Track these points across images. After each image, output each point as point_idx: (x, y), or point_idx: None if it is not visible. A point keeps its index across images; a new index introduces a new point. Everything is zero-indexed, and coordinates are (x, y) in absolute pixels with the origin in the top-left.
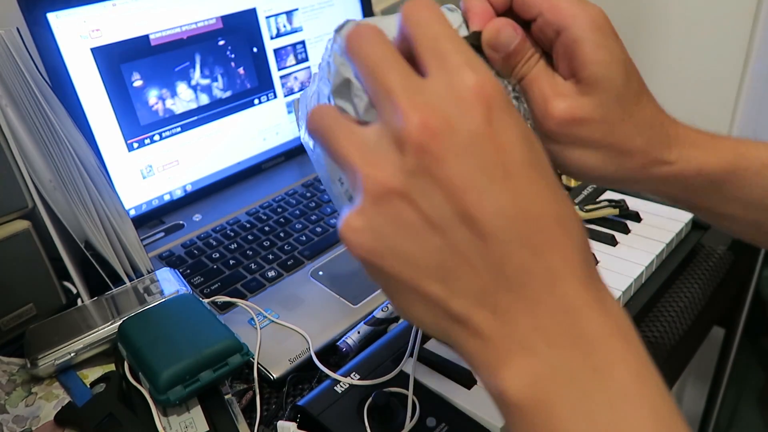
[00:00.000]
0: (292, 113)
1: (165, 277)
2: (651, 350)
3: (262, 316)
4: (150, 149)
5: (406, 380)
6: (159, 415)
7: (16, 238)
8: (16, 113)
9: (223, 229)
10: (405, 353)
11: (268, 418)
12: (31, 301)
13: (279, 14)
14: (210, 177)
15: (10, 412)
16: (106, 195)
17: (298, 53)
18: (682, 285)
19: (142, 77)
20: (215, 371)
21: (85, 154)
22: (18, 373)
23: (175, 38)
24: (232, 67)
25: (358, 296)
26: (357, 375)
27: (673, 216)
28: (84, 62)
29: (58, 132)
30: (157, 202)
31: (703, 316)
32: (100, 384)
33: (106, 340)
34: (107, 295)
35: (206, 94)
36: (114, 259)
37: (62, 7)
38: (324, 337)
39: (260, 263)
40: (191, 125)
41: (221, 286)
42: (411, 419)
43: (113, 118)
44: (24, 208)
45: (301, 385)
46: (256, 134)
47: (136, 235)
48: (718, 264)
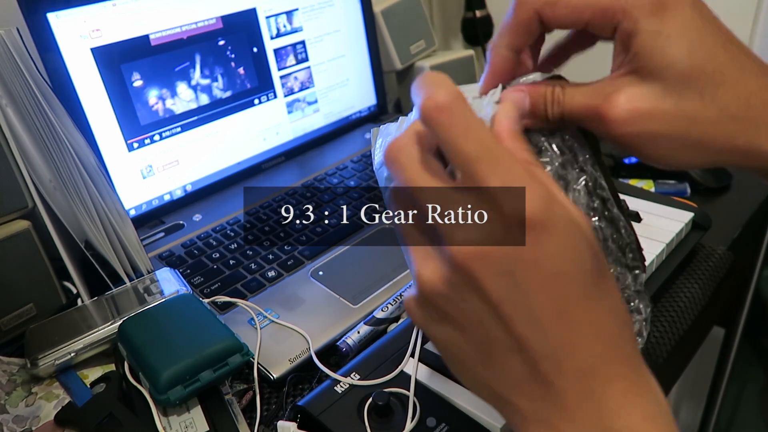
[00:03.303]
0: (292, 113)
1: (165, 277)
2: (651, 350)
3: (262, 316)
4: (150, 149)
5: (407, 380)
6: (159, 415)
7: (16, 238)
8: (16, 113)
9: (223, 229)
10: (405, 353)
11: (268, 418)
12: (31, 301)
13: (279, 14)
14: (210, 177)
15: (10, 412)
16: (106, 195)
17: (298, 53)
18: (682, 285)
19: (142, 77)
20: (215, 371)
21: (85, 154)
22: (18, 373)
23: (175, 38)
24: (232, 67)
25: (358, 296)
26: (357, 375)
27: (673, 216)
28: (84, 62)
29: (58, 132)
30: (157, 202)
31: (703, 316)
32: (100, 384)
33: (106, 340)
34: (107, 295)
35: (206, 94)
36: (114, 259)
37: (62, 7)
38: (324, 337)
39: (260, 263)
40: (191, 125)
41: (221, 286)
42: (411, 419)
43: (113, 118)
44: (24, 208)
45: (301, 385)
46: (256, 134)
47: (136, 235)
48: (718, 264)
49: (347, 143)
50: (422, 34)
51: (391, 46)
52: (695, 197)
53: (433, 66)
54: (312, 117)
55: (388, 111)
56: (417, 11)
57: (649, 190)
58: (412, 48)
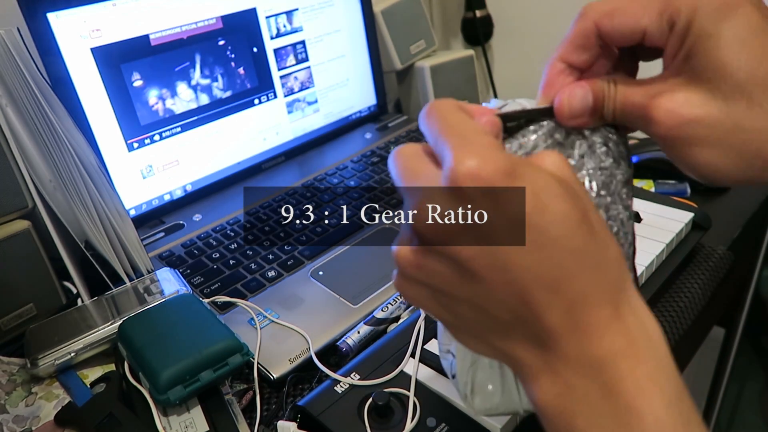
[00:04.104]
0: (292, 113)
1: (165, 277)
2: None
3: (262, 316)
4: (150, 149)
5: (407, 380)
6: (159, 415)
7: (16, 238)
8: (16, 113)
9: (223, 229)
10: (405, 353)
11: (268, 418)
12: (31, 301)
13: (279, 14)
14: (210, 177)
15: (10, 412)
16: (106, 195)
17: (298, 53)
18: (682, 285)
19: (142, 77)
20: (215, 371)
21: (85, 154)
22: (18, 373)
23: (175, 38)
24: (232, 67)
25: (358, 296)
26: (357, 375)
27: (673, 216)
28: (84, 62)
29: (58, 132)
30: (157, 202)
31: (703, 316)
32: (100, 384)
33: (106, 340)
34: (107, 295)
35: (206, 94)
36: (114, 259)
37: (62, 7)
38: (324, 337)
39: (260, 263)
40: (191, 125)
41: (221, 286)
42: (411, 419)
43: (113, 118)
44: (24, 208)
45: (301, 385)
46: (256, 134)
47: (136, 235)
48: (718, 264)
49: (347, 143)
50: (422, 34)
51: (391, 46)
52: (695, 197)
53: (433, 66)
54: (312, 117)
55: (388, 111)
56: (417, 11)
57: (649, 190)
58: (412, 48)
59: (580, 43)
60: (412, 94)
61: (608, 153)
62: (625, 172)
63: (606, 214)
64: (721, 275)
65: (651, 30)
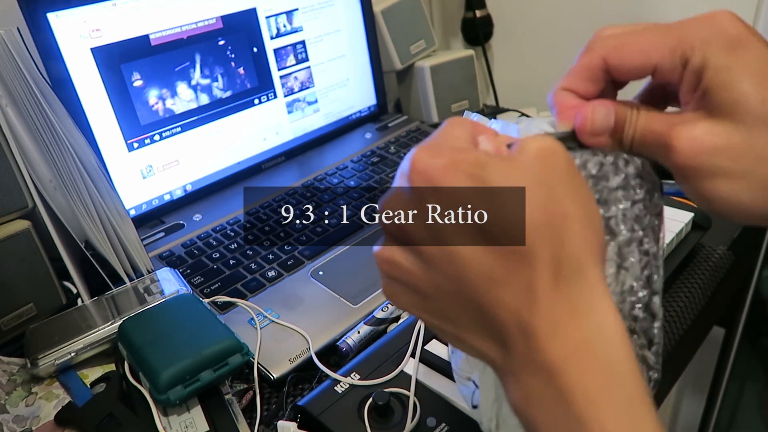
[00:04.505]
0: (292, 113)
1: (165, 277)
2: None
3: (262, 316)
4: (150, 149)
5: (407, 380)
6: (159, 415)
7: (16, 238)
8: (16, 113)
9: (223, 229)
10: (405, 353)
11: (268, 418)
12: (31, 301)
13: (279, 14)
14: (210, 177)
15: (11, 412)
16: (106, 195)
17: (298, 53)
18: (682, 285)
19: (142, 77)
20: (215, 371)
21: (85, 154)
22: (18, 373)
23: (175, 38)
24: (232, 67)
25: (358, 296)
26: (357, 375)
27: (673, 216)
28: (84, 62)
29: (58, 132)
30: (157, 202)
31: (703, 316)
32: (100, 384)
33: (106, 340)
34: (107, 295)
35: (206, 94)
36: (114, 259)
37: (62, 7)
38: (324, 337)
39: (260, 263)
40: (191, 125)
41: (221, 286)
42: (411, 419)
43: (113, 118)
44: (24, 208)
45: (301, 385)
46: (256, 134)
47: (136, 235)
48: (718, 264)
49: (347, 143)
50: (422, 34)
51: (391, 46)
52: None
53: (433, 66)
54: (312, 117)
55: (388, 111)
56: (417, 11)
57: None
58: (412, 48)
59: (587, 76)
60: (412, 94)
61: (642, 186)
62: (657, 205)
63: (638, 248)
64: (721, 275)
65: (662, 66)
